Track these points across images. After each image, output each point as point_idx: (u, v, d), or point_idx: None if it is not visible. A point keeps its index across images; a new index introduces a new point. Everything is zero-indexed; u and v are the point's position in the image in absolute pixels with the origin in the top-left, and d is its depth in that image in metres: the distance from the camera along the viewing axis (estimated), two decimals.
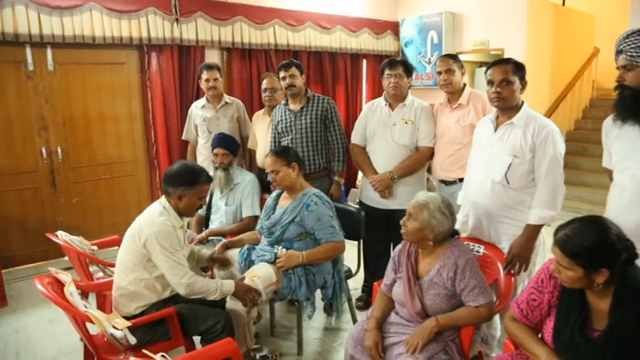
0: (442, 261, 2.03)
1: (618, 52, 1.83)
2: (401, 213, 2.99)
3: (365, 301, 3.36)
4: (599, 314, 1.54)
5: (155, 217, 2.23)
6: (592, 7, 7.38)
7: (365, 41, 6.16)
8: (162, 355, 1.54)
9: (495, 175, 2.27)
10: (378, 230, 3.20)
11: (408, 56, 6.44)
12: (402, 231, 2.10)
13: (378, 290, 2.32)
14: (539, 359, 1.62)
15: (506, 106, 2.27)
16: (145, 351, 1.57)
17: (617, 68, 1.88)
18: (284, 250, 2.59)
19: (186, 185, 2.27)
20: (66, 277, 2.11)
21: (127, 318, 2.11)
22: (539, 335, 1.72)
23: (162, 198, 2.32)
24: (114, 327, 1.97)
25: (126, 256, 2.26)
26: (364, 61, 6.34)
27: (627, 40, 1.80)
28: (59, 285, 2.10)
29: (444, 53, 6.03)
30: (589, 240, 1.46)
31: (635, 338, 1.41)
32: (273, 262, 2.57)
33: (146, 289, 2.24)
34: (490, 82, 2.27)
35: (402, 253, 2.18)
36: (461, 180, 2.81)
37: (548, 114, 6.05)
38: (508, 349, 1.84)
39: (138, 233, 2.20)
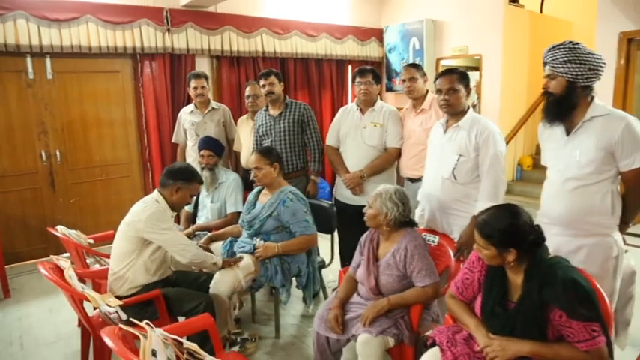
0: (397, 245, 2.33)
1: (544, 64, 2.12)
2: None
3: None
4: (515, 288, 1.82)
5: (149, 204, 2.53)
6: (569, 14, 7.68)
7: (350, 48, 6.45)
8: (147, 322, 1.82)
9: (444, 172, 2.56)
10: (352, 225, 3.44)
11: (391, 62, 6.74)
12: (365, 217, 2.39)
13: (344, 276, 2.60)
14: (469, 328, 1.91)
15: (454, 112, 2.56)
16: (131, 319, 1.85)
17: (544, 77, 2.17)
18: (262, 241, 2.88)
19: (184, 181, 2.60)
20: (65, 262, 2.40)
21: (120, 299, 2.39)
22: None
23: (156, 192, 2.60)
24: (107, 305, 2.24)
25: (122, 243, 2.54)
26: (349, 67, 6.62)
27: (549, 53, 2.09)
28: (59, 270, 2.38)
29: (425, 59, 6.35)
30: (501, 224, 1.74)
31: (537, 306, 1.69)
32: (252, 253, 2.86)
33: (138, 272, 2.51)
34: (439, 91, 2.56)
35: (367, 238, 2.48)
36: None
37: (525, 118, 6.35)
38: (447, 322, 2.12)
39: (135, 219, 2.48)
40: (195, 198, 3.60)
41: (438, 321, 2.49)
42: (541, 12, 7.32)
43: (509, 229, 1.73)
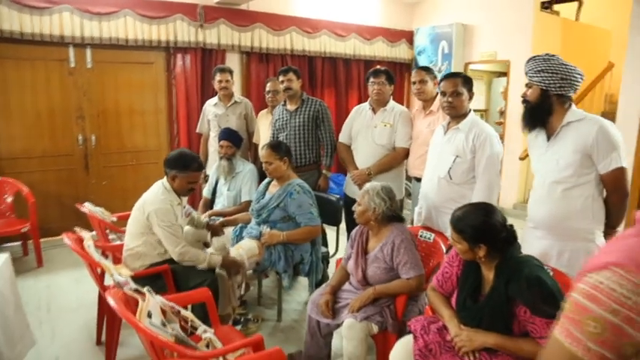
0: (385, 240, 2.45)
1: (525, 74, 2.22)
2: None
3: None
4: (487, 283, 1.93)
5: (157, 195, 2.73)
6: (609, 23, 7.52)
7: (379, 49, 6.55)
8: (148, 289, 2.02)
9: (441, 171, 2.67)
10: None
11: (420, 64, 6.79)
12: (354, 215, 2.53)
13: (339, 265, 2.75)
14: (444, 319, 2.02)
15: (456, 114, 2.66)
16: (136, 286, 2.06)
17: (525, 86, 2.27)
18: (268, 229, 3.05)
19: (179, 169, 2.75)
20: (86, 234, 2.64)
21: None
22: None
23: (165, 178, 2.82)
24: (119, 275, 2.47)
25: (135, 224, 2.77)
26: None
27: (527, 64, 2.20)
28: (81, 241, 2.63)
29: (453, 63, 6.38)
30: (474, 221, 1.85)
31: (504, 301, 1.79)
32: (258, 238, 3.04)
33: (149, 250, 2.74)
34: (443, 93, 2.67)
35: (357, 233, 2.61)
36: None
37: None
38: (427, 313, 2.24)
39: (143, 207, 2.71)
40: (213, 183, 3.83)
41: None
42: (576, 19, 7.20)
43: (482, 226, 1.84)
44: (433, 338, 1.97)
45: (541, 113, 2.16)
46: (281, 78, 3.75)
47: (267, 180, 3.33)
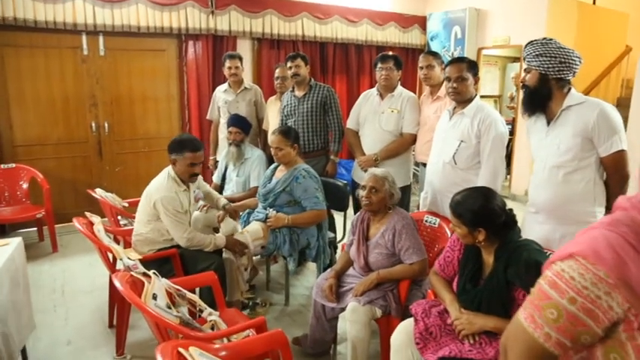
0: (386, 225, 2.47)
1: (523, 59, 2.20)
2: None
3: None
4: (487, 267, 1.93)
5: (162, 183, 2.78)
6: (627, 6, 7.33)
7: (391, 34, 6.49)
8: (154, 272, 2.07)
9: (445, 156, 2.66)
10: None
11: (433, 49, 6.72)
12: (365, 202, 2.52)
13: (343, 250, 2.78)
14: (445, 303, 2.04)
15: (461, 99, 2.65)
16: (143, 269, 2.11)
17: (523, 71, 2.25)
18: (274, 212, 3.08)
19: (175, 152, 2.78)
20: (96, 219, 2.71)
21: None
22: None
23: (170, 166, 2.86)
24: (128, 258, 2.53)
25: (143, 211, 2.83)
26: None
27: (525, 49, 2.18)
28: (91, 225, 2.70)
29: (466, 48, 6.30)
30: (473, 205, 1.85)
31: (502, 285, 1.80)
32: (264, 221, 3.08)
33: (157, 236, 2.79)
34: (448, 79, 2.65)
35: (358, 219, 2.62)
36: None
37: None
38: (430, 297, 2.25)
39: (149, 195, 2.77)
40: (223, 170, 3.87)
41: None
42: (594, 3, 7.03)
43: (480, 210, 1.84)
44: (434, 321, 1.99)
45: (541, 98, 2.14)
46: (289, 64, 3.76)
47: (274, 165, 3.36)
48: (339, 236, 3.59)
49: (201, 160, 2.86)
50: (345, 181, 3.57)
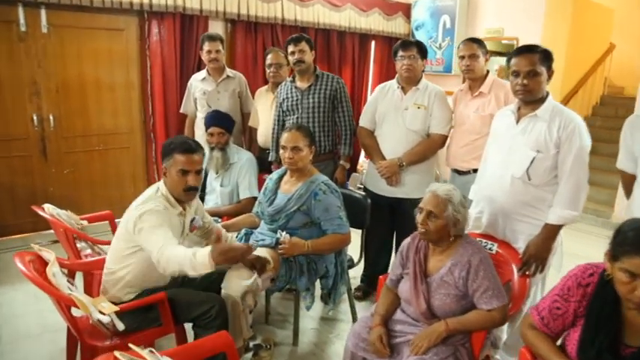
0: (454, 259, 1.89)
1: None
2: (407, 202, 2.88)
3: (363, 291, 3.24)
4: (635, 329, 1.41)
5: (147, 199, 2.07)
6: (611, 0, 7.15)
7: (375, 22, 5.96)
8: (151, 350, 1.40)
9: (516, 170, 2.12)
10: (381, 219, 3.06)
11: (418, 39, 6.23)
12: (420, 231, 1.93)
13: (382, 284, 2.18)
14: None
15: (533, 99, 2.11)
16: (131, 345, 1.42)
17: None
18: (287, 236, 2.42)
19: (165, 158, 2.11)
20: (49, 255, 1.96)
21: (116, 303, 1.96)
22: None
23: (161, 181, 2.15)
24: (100, 312, 1.82)
25: (118, 241, 2.11)
26: (373, 43, 6.14)
27: None
28: (42, 263, 1.95)
29: (455, 39, 5.85)
30: None
31: None
32: (273, 247, 2.42)
33: (138, 276, 2.08)
34: (515, 73, 2.09)
35: (411, 248, 2.03)
36: (475, 171, 2.65)
37: None
38: (524, 358, 1.71)
39: (129, 217, 2.04)
40: (202, 177, 3.14)
41: (497, 345, 2.10)
42: None
43: None
44: None
45: None
46: (291, 48, 3.09)
47: (275, 174, 2.70)
48: (355, 257, 2.97)
49: (198, 167, 2.15)
50: (364, 193, 2.97)
